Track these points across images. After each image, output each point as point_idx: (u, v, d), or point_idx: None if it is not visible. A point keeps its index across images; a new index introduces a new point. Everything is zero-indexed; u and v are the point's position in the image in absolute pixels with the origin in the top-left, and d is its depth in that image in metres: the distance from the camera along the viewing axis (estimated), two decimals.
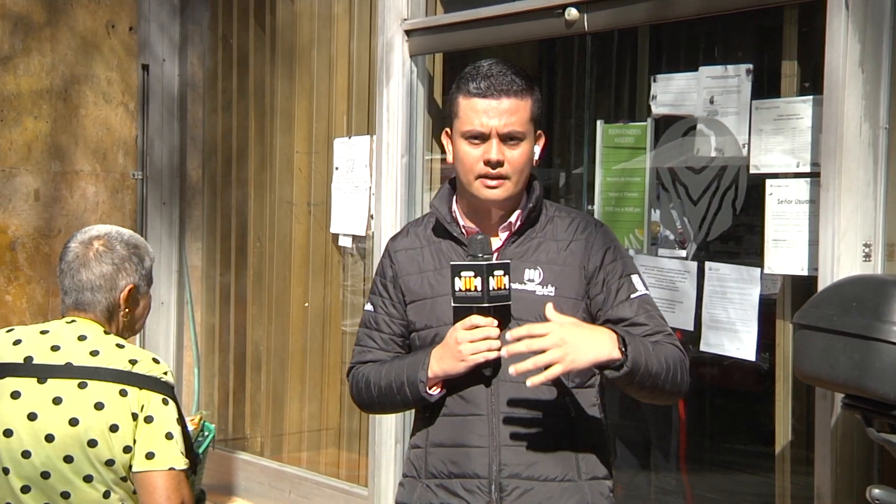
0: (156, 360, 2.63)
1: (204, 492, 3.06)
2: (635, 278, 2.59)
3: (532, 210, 2.58)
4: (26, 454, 2.53)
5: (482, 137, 2.49)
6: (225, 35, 6.11)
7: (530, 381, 2.33)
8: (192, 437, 2.88)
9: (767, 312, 3.84)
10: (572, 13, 4.09)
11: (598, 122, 4.43)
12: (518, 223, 2.58)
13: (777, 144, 3.68)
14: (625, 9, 4.01)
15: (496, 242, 2.57)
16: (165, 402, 2.57)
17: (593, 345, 2.34)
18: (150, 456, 2.52)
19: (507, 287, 2.43)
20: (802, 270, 3.58)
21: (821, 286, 3.28)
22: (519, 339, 2.34)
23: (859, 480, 3.33)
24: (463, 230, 2.59)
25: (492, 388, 2.49)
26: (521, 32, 4.44)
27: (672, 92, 4.10)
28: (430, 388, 2.51)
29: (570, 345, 2.30)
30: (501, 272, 2.42)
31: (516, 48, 6.44)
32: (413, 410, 2.69)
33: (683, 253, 4.17)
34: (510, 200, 2.55)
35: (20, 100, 5.76)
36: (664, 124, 4.24)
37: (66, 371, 2.54)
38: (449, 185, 2.67)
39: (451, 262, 2.47)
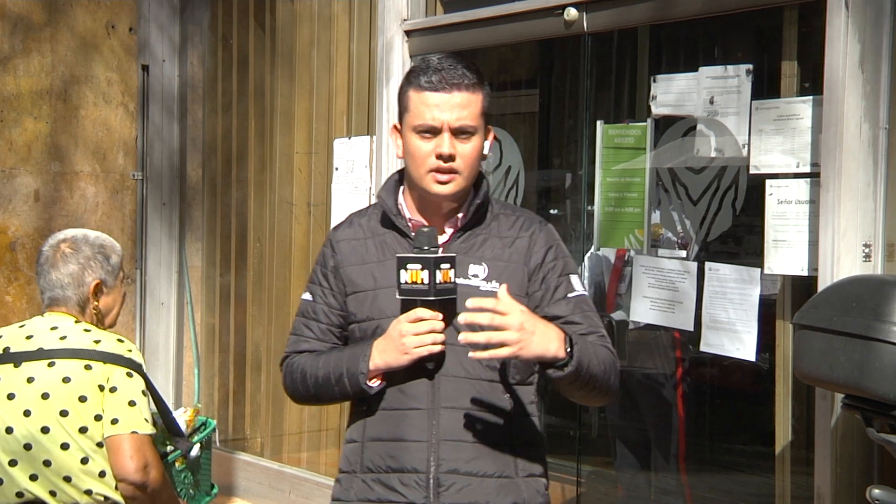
0: (120, 340, 2.96)
1: (215, 486, 3.33)
2: (574, 278, 2.59)
3: (479, 206, 2.57)
4: (9, 430, 2.84)
5: (434, 131, 2.48)
6: (225, 36, 6.11)
7: (473, 354, 2.32)
8: (188, 430, 3.17)
9: (767, 313, 3.84)
10: (572, 13, 4.09)
11: (598, 123, 4.42)
12: (465, 219, 2.57)
13: (777, 145, 3.68)
14: (625, 9, 4.01)
15: (442, 237, 2.56)
16: (130, 375, 2.90)
17: (544, 339, 2.33)
18: (114, 421, 2.84)
19: (452, 281, 2.42)
20: (802, 271, 3.58)
21: (821, 286, 3.28)
22: (483, 311, 2.31)
23: (859, 480, 3.33)
24: (408, 223, 2.58)
25: (433, 383, 2.48)
26: (520, 32, 4.45)
27: (672, 92, 4.10)
28: (370, 381, 2.49)
29: (526, 332, 2.30)
30: (448, 266, 2.41)
31: (516, 48, 6.44)
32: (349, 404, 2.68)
33: (683, 253, 4.17)
34: (460, 195, 2.54)
35: (20, 100, 5.76)
36: (664, 124, 4.24)
37: (38, 354, 2.87)
38: (396, 177, 2.66)
39: (398, 255, 2.46)
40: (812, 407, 3.47)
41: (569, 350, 2.36)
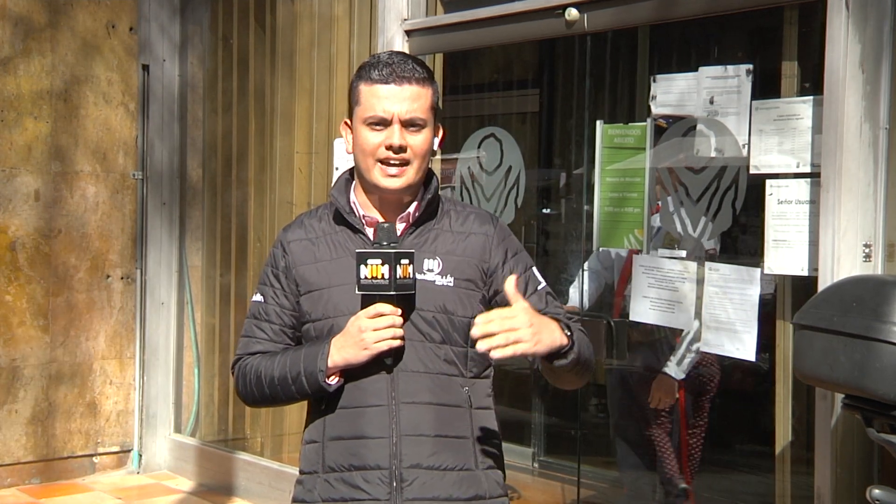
0: None
1: None
2: (536, 270, 2.63)
3: (431, 201, 2.60)
4: None
5: (384, 123, 2.50)
6: (225, 36, 6.11)
7: (497, 353, 2.29)
8: None
9: (767, 312, 3.84)
10: (572, 13, 4.09)
11: (598, 123, 4.43)
12: (416, 214, 2.59)
13: (777, 144, 3.68)
14: (625, 9, 4.01)
15: None
16: None
17: (549, 331, 2.37)
18: None
19: (412, 276, 2.44)
20: (802, 271, 3.58)
21: (821, 286, 3.28)
22: (490, 321, 2.32)
23: (859, 480, 3.33)
24: (362, 219, 2.59)
25: (391, 378, 2.49)
26: (521, 32, 4.45)
27: (672, 92, 4.10)
28: (328, 378, 2.50)
29: (536, 326, 2.33)
30: (407, 261, 2.43)
31: (516, 48, 6.45)
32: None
33: (683, 253, 4.17)
34: (410, 189, 2.56)
35: (20, 100, 5.77)
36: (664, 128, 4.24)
37: None
38: (347, 175, 2.68)
39: (358, 250, 2.47)
40: (812, 407, 3.47)
41: (568, 335, 2.40)
